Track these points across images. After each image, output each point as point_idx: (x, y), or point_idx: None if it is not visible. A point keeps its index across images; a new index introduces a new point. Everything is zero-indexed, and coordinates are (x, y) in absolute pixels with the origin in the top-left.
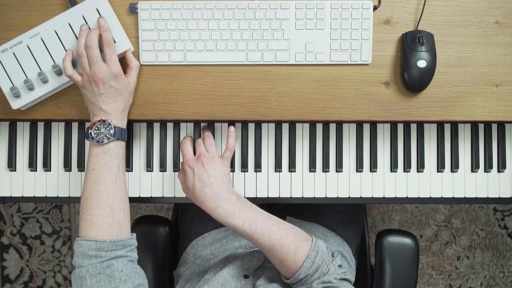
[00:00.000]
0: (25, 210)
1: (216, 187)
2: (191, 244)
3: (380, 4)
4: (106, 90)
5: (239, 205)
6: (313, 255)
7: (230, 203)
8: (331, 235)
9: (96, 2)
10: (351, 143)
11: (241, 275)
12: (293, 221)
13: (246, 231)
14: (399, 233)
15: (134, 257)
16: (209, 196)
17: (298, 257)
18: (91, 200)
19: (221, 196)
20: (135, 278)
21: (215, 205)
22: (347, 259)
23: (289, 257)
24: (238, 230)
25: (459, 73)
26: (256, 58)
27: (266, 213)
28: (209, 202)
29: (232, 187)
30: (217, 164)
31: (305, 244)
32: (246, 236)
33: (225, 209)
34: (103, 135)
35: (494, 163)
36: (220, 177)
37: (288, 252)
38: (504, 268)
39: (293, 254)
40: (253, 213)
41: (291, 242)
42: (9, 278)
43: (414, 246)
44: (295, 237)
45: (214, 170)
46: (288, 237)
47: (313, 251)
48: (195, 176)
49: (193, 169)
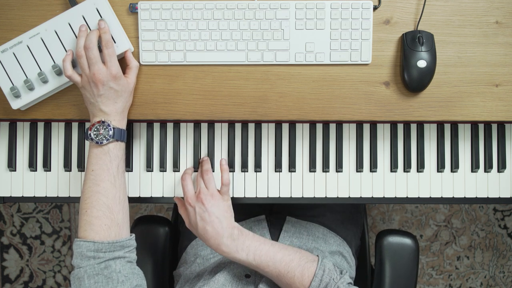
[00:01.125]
0: (25, 210)
1: (217, 225)
2: (191, 244)
3: (380, 4)
4: (106, 91)
5: (241, 239)
6: (320, 274)
7: (232, 239)
8: (331, 235)
9: (96, 2)
10: (351, 143)
11: (242, 275)
12: (293, 221)
13: (251, 263)
14: (399, 233)
15: (133, 258)
16: (211, 234)
17: (305, 278)
18: (90, 201)
19: (222, 233)
20: (133, 279)
21: (218, 242)
22: (347, 259)
23: (296, 280)
24: (243, 263)
25: (459, 73)
26: (256, 58)
27: (269, 242)
28: (212, 239)
29: (233, 221)
30: (217, 201)
31: (311, 265)
32: (252, 267)
33: (228, 245)
34: (102, 136)
35: (494, 163)
36: (220, 213)
37: (295, 276)
38: (504, 268)
39: (300, 277)
40: (256, 244)
41: (296, 266)
42: (9, 278)
43: (414, 246)
44: (300, 260)
45: (214, 207)
46: (293, 262)
47: (319, 269)
48: (197, 215)
49: (194, 208)
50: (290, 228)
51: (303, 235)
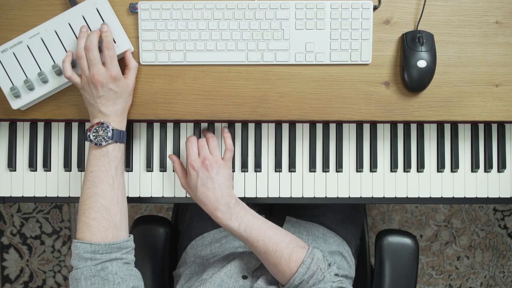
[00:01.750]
0: (25, 210)
1: (218, 192)
2: (190, 244)
3: (380, 4)
4: (105, 92)
5: (237, 209)
6: (308, 262)
7: (228, 207)
8: (331, 235)
9: (96, 2)
10: (351, 143)
11: (239, 276)
12: (293, 221)
13: (241, 233)
14: (399, 233)
15: (131, 259)
16: (210, 199)
17: (292, 262)
18: (88, 203)
19: (221, 201)
20: (129, 280)
21: (214, 207)
22: (347, 259)
23: (283, 261)
24: (233, 232)
25: (459, 73)
26: (256, 58)
27: (263, 219)
28: (210, 204)
29: (232, 190)
30: (221, 168)
31: (300, 251)
32: (241, 239)
33: (223, 211)
34: (101, 137)
35: (494, 163)
36: (222, 182)
37: (282, 257)
38: (504, 268)
39: (287, 259)
40: (249, 217)
41: (285, 247)
42: (9, 278)
43: (414, 246)
44: (290, 243)
45: (218, 174)
46: (283, 243)
47: (308, 257)
48: (199, 179)
49: (197, 172)
50: (290, 228)
51: (303, 235)
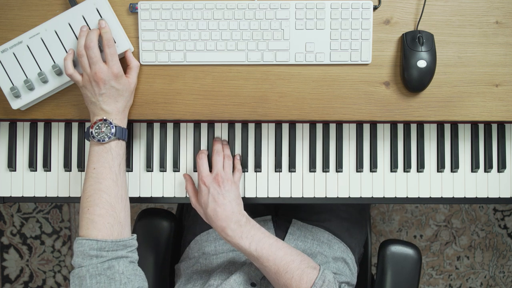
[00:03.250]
0: (25, 210)
1: (228, 208)
2: (195, 239)
3: (380, 4)
4: (107, 90)
5: (248, 227)
6: (319, 284)
7: (239, 225)
8: (336, 241)
9: (96, 2)
10: (351, 143)
11: (248, 283)
12: (299, 224)
13: (252, 252)
14: (402, 244)
15: (135, 258)
16: (220, 217)
17: (303, 283)
18: (92, 199)
19: (231, 218)
20: (135, 280)
21: (225, 225)
22: (350, 266)
23: (294, 283)
24: (244, 252)
25: (459, 73)
26: (256, 58)
27: (274, 237)
28: (219, 221)
29: (243, 210)
30: (232, 186)
31: (311, 272)
32: (252, 258)
33: (233, 229)
34: (104, 134)
35: (494, 163)
36: (233, 199)
37: (293, 278)
38: (504, 268)
39: (298, 280)
40: (260, 236)
41: (296, 268)
42: (9, 278)
43: (416, 257)
44: (301, 263)
45: (229, 192)
46: (294, 263)
47: (319, 279)
48: (210, 195)
49: (208, 188)
50: (296, 231)
51: (308, 239)
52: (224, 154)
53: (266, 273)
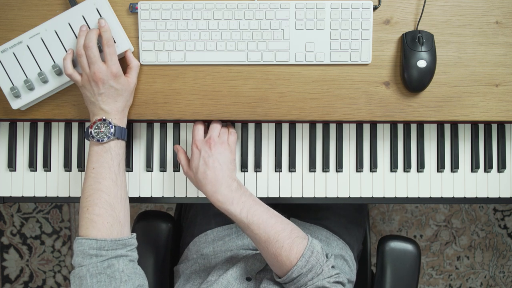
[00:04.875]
0: (25, 210)
1: (219, 172)
2: (193, 240)
3: (380, 4)
4: (106, 90)
5: (239, 192)
6: (308, 255)
7: (230, 190)
8: (334, 238)
9: (96, 2)
10: (351, 143)
11: (243, 278)
12: (297, 222)
13: (242, 219)
14: (402, 239)
15: (135, 257)
16: (210, 180)
17: (293, 254)
18: (92, 199)
19: (222, 182)
20: (135, 278)
21: (215, 189)
22: (349, 263)
23: (283, 252)
24: (234, 218)
25: (459, 73)
26: (256, 58)
27: (265, 205)
28: (210, 185)
29: (235, 175)
30: (225, 150)
31: (301, 242)
32: (242, 226)
33: (224, 194)
34: (103, 134)
35: (494, 163)
36: (224, 162)
37: (283, 247)
38: (504, 268)
39: (288, 250)
40: (252, 203)
41: (286, 237)
42: (9, 278)
43: (416, 252)
44: (291, 233)
45: (220, 154)
46: (284, 232)
47: (308, 250)
48: (200, 158)
49: (200, 151)
50: None
51: None
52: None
53: (256, 241)
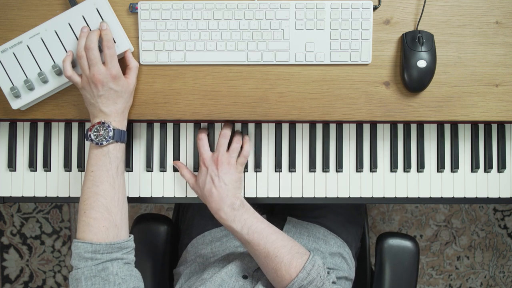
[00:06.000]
0: (25, 210)
1: (224, 191)
2: (191, 242)
3: (380, 4)
4: (106, 92)
5: (241, 211)
6: (309, 267)
7: (232, 208)
8: (332, 236)
9: (96, 2)
10: (351, 143)
11: (239, 275)
12: (294, 221)
13: (243, 236)
14: (400, 236)
15: (131, 260)
16: (215, 198)
17: (292, 268)
18: (89, 203)
19: (225, 200)
20: (130, 281)
21: (219, 207)
22: (347, 260)
23: (283, 267)
24: (236, 234)
25: (459, 73)
26: (256, 58)
27: (267, 223)
28: (214, 203)
29: (240, 193)
30: (231, 169)
31: (301, 257)
32: (243, 241)
33: (227, 212)
34: (102, 137)
35: (494, 163)
36: (230, 182)
37: (282, 262)
38: (504, 268)
39: (287, 265)
40: (253, 220)
41: (286, 253)
42: (9, 278)
43: (414, 249)
44: (291, 249)
45: (226, 174)
46: (284, 248)
47: (309, 263)
48: (207, 176)
49: (207, 168)
50: (291, 229)
51: (304, 235)
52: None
53: (256, 257)
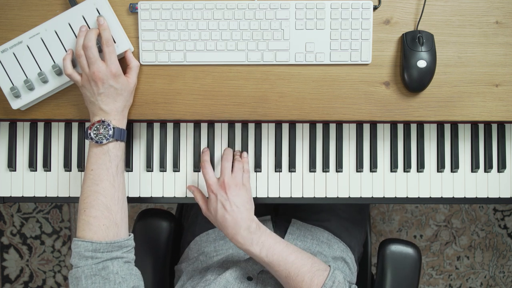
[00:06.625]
0: (25, 210)
1: (237, 215)
2: (194, 239)
3: (380, 4)
4: (106, 89)
5: (258, 233)
6: (329, 285)
7: (249, 232)
8: (336, 240)
9: (96, 2)
10: (351, 143)
11: (244, 277)
12: (299, 224)
13: (263, 258)
14: (402, 243)
15: (131, 258)
16: (230, 223)
17: (314, 285)
18: (89, 201)
19: (241, 224)
20: (130, 280)
21: (235, 232)
22: (349, 265)
23: (304, 285)
24: (255, 257)
25: (459, 73)
26: (256, 58)
27: (284, 242)
28: (230, 228)
29: (253, 214)
30: (241, 191)
31: (321, 274)
32: (263, 264)
33: (244, 237)
34: (102, 135)
35: (494, 163)
36: (242, 204)
37: (304, 281)
38: (504, 268)
39: (309, 283)
40: (271, 242)
41: (307, 271)
42: (9, 278)
43: (416, 256)
44: (311, 267)
45: (236, 197)
46: (305, 267)
47: (329, 280)
48: (218, 202)
49: (216, 195)
50: (295, 231)
51: (308, 238)
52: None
53: (277, 277)
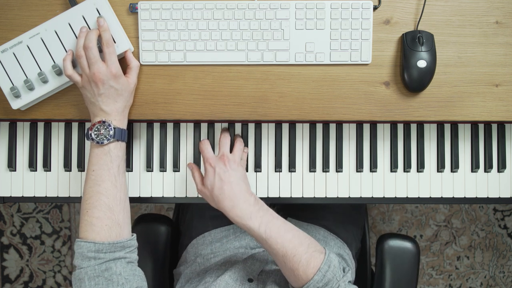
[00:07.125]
0: (25, 210)
1: (236, 186)
2: (191, 243)
3: (380, 4)
4: (106, 90)
5: (257, 207)
6: (325, 269)
7: (248, 204)
8: (332, 237)
9: (96, 2)
10: (351, 143)
11: (244, 279)
12: (294, 222)
13: (261, 234)
14: (400, 237)
15: (134, 258)
16: (228, 194)
17: (310, 268)
18: (91, 202)
19: (239, 196)
20: (133, 281)
21: (233, 204)
22: (347, 261)
23: (301, 267)
24: (252, 233)
25: (459, 73)
26: (256, 58)
27: (282, 219)
28: (227, 200)
29: (250, 190)
30: (239, 166)
31: (318, 256)
32: (260, 240)
33: (243, 209)
34: (102, 136)
35: (494, 163)
36: (240, 178)
37: (300, 262)
38: (504, 268)
39: (305, 265)
40: (269, 217)
41: (304, 252)
42: (9, 278)
43: (415, 250)
44: (308, 247)
45: (235, 170)
46: (302, 247)
47: (325, 264)
48: (216, 175)
49: (214, 168)
50: None
51: None
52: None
53: (273, 256)
